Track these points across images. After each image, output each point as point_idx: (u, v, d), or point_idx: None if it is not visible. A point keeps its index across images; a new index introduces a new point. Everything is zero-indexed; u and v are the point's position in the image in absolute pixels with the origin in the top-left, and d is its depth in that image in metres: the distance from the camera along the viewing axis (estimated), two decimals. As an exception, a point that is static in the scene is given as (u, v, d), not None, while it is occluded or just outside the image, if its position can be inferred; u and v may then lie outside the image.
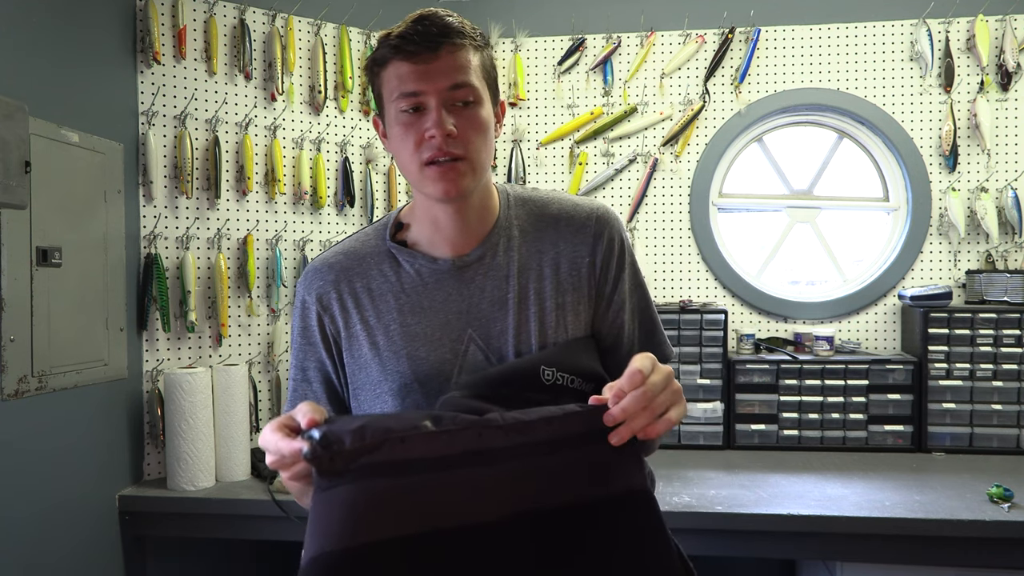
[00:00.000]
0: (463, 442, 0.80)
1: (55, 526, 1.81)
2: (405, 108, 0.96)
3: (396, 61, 0.96)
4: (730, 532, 1.85)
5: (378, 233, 1.09)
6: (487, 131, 1.00)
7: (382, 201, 2.64)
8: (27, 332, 1.72)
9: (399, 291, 1.04)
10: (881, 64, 2.63)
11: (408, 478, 0.79)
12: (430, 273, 1.04)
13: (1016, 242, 2.55)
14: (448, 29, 0.95)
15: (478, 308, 1.02)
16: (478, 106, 0.98)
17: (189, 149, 2.20)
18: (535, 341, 1.01)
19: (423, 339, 1.02)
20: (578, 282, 1.05)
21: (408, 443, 0.79)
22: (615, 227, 1.08)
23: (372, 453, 0.78)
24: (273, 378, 2.41)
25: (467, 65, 0.97)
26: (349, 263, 1.07)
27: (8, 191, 1.56)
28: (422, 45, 0.94)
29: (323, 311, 1.06)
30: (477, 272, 1.03)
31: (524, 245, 1.05)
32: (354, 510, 0.77)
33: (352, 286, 1.05)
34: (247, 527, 2.05)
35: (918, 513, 1.80)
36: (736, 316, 2.70)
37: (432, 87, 0.95)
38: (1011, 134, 2.57)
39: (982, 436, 2.37)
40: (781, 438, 2.44)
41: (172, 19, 2.22)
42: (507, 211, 1.07)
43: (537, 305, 1.03)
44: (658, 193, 2.72)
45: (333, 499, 0.78)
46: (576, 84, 2.74)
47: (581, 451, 0.83)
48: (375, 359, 1.03)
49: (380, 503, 0.78)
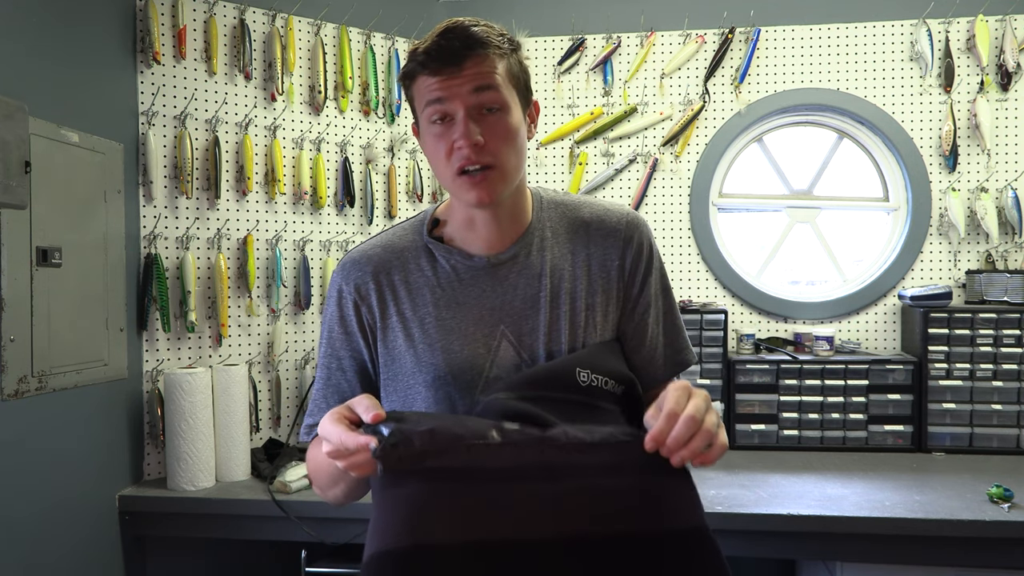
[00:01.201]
0: (526, 456, 0.82)
1: (55, 526, 1.81)
2: (434, 119, 1.00)
3: (423, 75, 1.00)
4: (730, 532, 1.85)
5: (415, 228, 1.12)
6: (515, 137, 1.02)
7: (382, 201, 2.64)
8: (27, 332, 1.72)
9: (435, 285, 1.07)
10: (881, 64, 2.63)
11: (470, 486, 0.81)
12: (465, 269, 1.07)
13: (1016, 242, 2.55)
14: (471, 40, 0.98)
15: (511, 305, 1.05)
16: (505, 113, 1.01)
17: (189, 149, 2.20)
18: (565, 340, 1.04)
19: (457, 333, 1.04)
20: (607, 284, 1.08)
21: (474, 451, 0.81)
22: (644, 232, 1.12)
23: (439, 457, 0.80)
24: (273, 378, 2.41)
25: (491, 73, 0.99)
26: (387, 256, 1.10)
27: (8, 191, 1.56)
28: (446, 59, 0.97)
29: (360, 301, 1.09)
30: (511, 270, 1.07)
31: (556, 246, 1.09)
32: (416, 510, 0.79)
33: (390, 278, 1.08)
34: (247, 527, 2.05)
35: (918, 513, 1.80)
36: (736, 316, 2.70)
37: (457, 98, 0.98)
38: (1011, 134, 2.57)
39: (982, 436, 2.37)
40: (781, 438, 2.44)
41: (172, 19, 2.21)
42: (540, 213, 1.11)
43: (568, 305, 1.06)
44: (658, 193, 2.72)
45: (398, 497, 0.80)
46: (576, 84, 2.74)
47: (638, 479, 0.84)
48: (409, 350, 1.06)
49: (442, 506, 0.80)
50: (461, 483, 0.81)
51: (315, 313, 2.50)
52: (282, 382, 2.42)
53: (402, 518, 0.80)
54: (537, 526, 0.81)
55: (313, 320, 2.50)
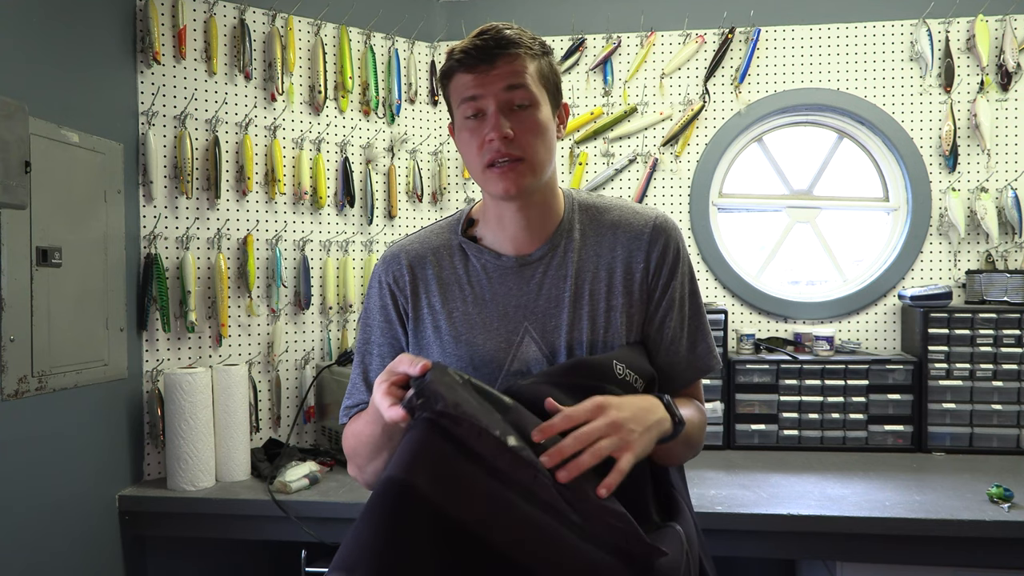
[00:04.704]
0: (519, 472, 0.86)
1: (55, 526, 1.81)
2: (468, 115, 1.06)
3: (459, 73, 1.07)
4: (730, 532, 1.85)
5: (451, 227, 1.19)
6: (545, 133, 1.07)
7: (382, 201, 2.64)
8: (27, 332, 1.72)
9: (465, 282, 1.14)
10: (881, 64, 2.63)
11: (467, 462, 0.85)
12: (494, 268, 1.13)
13: (1016, 242, 2.55)
14: (504, 41, 1.05)
15: (535, 304, 1.11)
16: (534, 109, 1.06)
17: (189, 149, 2.20)
18: (586, 338, 1.09)
19: (481, 328, 1.11)
20: (630, 286, 1.12)
21: (482, 439, 0.86)
22: (671, 236, 1.15)
23: (454, 424, 0.86)
24: (273, 378, 2.41)
25: (522, 71, 1.05)
26: (423, 251, 1.17)
27: (8, 191, 1.56)
28: (480, 57, 1.04)
29: (398, 292, 1.17)
30: (537, 270, 1.12)
31: (584, 248, 1.13)
32: (417, 452, 0.85)
33: (424, 273, 1.16)
34: (247, 527, 2.05)
35: (918, 513, 1.80)
36: (736, 316, 2.70)
37: (489, 93, 1.04)
38: (1011, 134, 2.57)
39: (982, 436, 2.37)
40: (781, 438, 2.44)
41: (172, 19, 2.22)
42: (571, 214, 1.15)
43: (590, 305, 1.10)
44: (658, 193, 2.72)
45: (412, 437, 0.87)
46: (576, 84, 2.74)
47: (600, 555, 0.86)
48: (436, 341, 1.13)
49: (439, 463, 0.85)
50: (461, 455, 0.85)
51: (315, 313, 2.50)
52: (282, 382, 2.42)
53: (404, 452, 0.86)
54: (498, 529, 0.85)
55: (313, 320, 2.50)
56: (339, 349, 2.54)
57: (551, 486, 0.86)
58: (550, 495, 0.86)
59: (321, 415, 2.44)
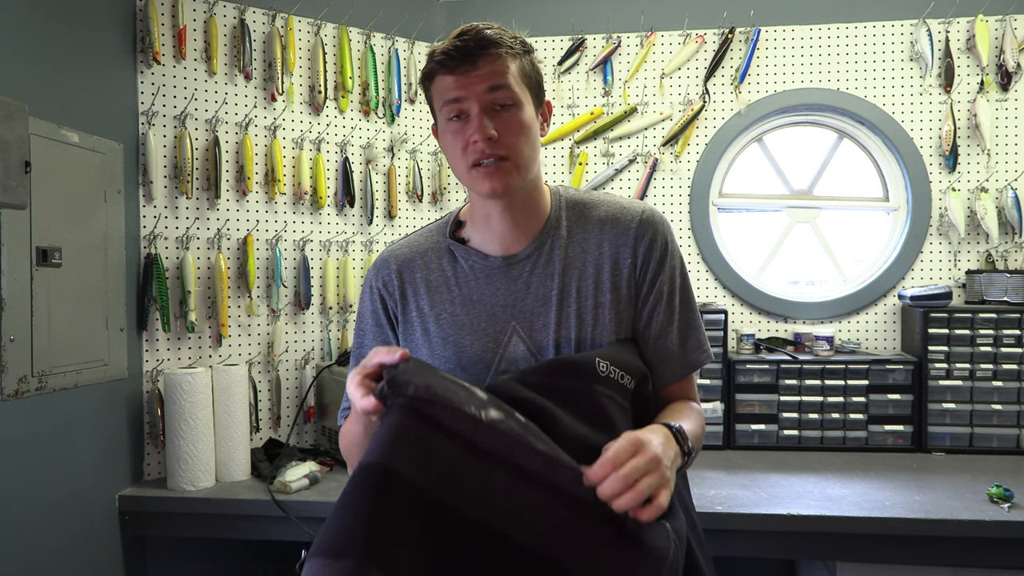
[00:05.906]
0: (494, 445, 0.86)
1: (55, 526, 1.81)
2: (451, 116, 1.06)
3: (440, 75, 1.06)
4: (730, 532, 1.85)
5: (440, 230, 1.19)
6: (528, 132, 1.07)
7: (382, 201, 2.64)
8: (27, 332, 1.72)
9: (453, 284, 1.14)
10: (881, 64, 2.63)
11: (443, 440, 0.86)
12: (482, 269, 1.13)
13: (1016, 242, 2.55)
14: (485, 41, 1.04)
15: (523, 303, 1.11)
16: (517, 109, 1.06)
17: (189, 149, 2.20)
18: (573, 336, 1.08)
19: (469, 329, 1.11)
20: (618, 282, 1.11)
21: (456, 416, 0.87)
22: (659, 229, 1.14)
23: (427, 405, 0.86)
24: (273, 378, 2.41)
25: (504, 72, 1.05)
26: (412, 255, 1.18)
27: (8, 191, 1.56)
28: (461, 58, 1.04)
29: (388, 296, 1.18)
30: (524, 269, 1.12)
31: (571, 245, 1.13)
32: (392, 435, 0.85)
33: (413, 276, 1.16)
34: (247, 527, 2.05)
35: (918, 513, 1.80)
36: (736, 316, 2.70)
37: (472, 94, 1.04)
38: (1011, 134, 2.57)
39: (982, 436, 2.37)
40: (781, 438, 2.44)
41: (172, 19, 2.21)
42: (558, 212, 1.15)
43: (577, 303, 1.10)
44: (658, 193, 2.72)
45: (386, 421, 0.87)
46: (576, 84, 2.74)
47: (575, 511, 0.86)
48: (425, 344, 1.14)
49: (413, 443, 0.85)
50: (438, 434, 0.86)
51: (315, 313, 2.50)
52: (282, 382, 2.42)
53: (380, 438, 0.86)
54: (483, 507, 0.85)
55: (313, 320, 2.50)
56: (339, 349, 2.54)
57: (536, 451, 0.87)
58: (531, 462, 0.86)
59: (321, 415, 2.44)
